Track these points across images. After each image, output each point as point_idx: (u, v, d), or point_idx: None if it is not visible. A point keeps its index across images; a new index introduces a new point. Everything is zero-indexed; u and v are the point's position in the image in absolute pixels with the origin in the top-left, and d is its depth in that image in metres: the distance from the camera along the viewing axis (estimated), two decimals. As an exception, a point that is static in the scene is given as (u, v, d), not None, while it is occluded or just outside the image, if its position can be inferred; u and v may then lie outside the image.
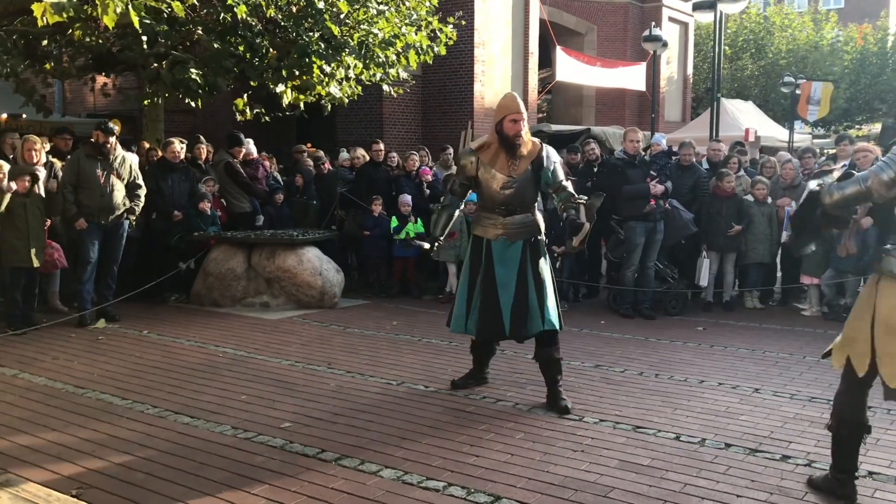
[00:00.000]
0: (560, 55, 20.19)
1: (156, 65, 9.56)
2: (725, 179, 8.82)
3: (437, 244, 5.63)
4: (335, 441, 4.55)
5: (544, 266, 5.31)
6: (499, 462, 4.24)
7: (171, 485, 3.91)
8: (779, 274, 9.62)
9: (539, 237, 5.34)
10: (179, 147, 9.08)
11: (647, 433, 4.73)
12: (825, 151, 13.40)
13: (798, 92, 25.38)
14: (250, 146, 10.23)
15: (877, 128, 38.86)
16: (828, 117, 30.69)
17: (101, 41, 9.77)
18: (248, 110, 10.68)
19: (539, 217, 5.40)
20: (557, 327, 5.25)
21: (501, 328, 5.23)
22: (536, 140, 5.36)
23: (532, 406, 5.24)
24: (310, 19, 9.58)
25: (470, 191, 5.55)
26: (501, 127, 5.16)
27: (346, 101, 11.19)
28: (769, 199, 9.00)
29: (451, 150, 11.32)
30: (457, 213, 5.70)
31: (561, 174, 5.35)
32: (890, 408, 5.21)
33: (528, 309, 5.16)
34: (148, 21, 8.36)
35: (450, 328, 5.49)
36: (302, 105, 10.70)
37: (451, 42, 12.03)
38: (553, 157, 5.33)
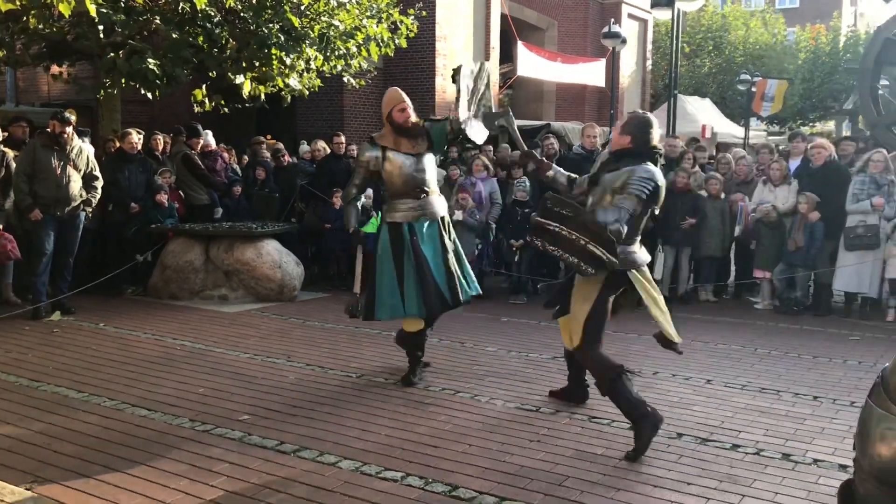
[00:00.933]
0: (521, 50, 20.29)
1: (112, 54, 9.42)
2: (679, 175, 8.96)
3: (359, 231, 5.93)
4: (294, 433, 4.56)
5: (455, 241, 5.79)
6: (456, 452, 4.29)
7: (127, 477, 3.89)
8: (733, 268, 9.82)
9: (446, 216, 5.74)
10: (137, 138, 8.97)
11: (601, 423, 4.82)
12: (780, 147, 13.74)
13: (754, 89, 25.85)
14: (209, 137, 10.13)
15: (829, 126, 39.74)
16: (782, 115, 31.32)
17: (56, 29, 9.60)
18: (206, 101, 10.59)
19: (443, 197, 5.81)
20: (480, 291, 5.91)
21: (445, 300, 5.52)
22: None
23: (490, 398, 5.31)
24: (270, 10, 9.54)
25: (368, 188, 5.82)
26: (392, 118, 5.54)
27: (307, 92, 11.15)
28: (723, 195, 9.18)
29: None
30: (360, 203, 6.00)
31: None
32: (836, 398, 5.38)
33: (456, 279, 5.56)
34: (105, 10, 8.25)
35: (379, 318, 5.57)
36: (262, 96, 10.64)
37: (412, 34, 12.04)
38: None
